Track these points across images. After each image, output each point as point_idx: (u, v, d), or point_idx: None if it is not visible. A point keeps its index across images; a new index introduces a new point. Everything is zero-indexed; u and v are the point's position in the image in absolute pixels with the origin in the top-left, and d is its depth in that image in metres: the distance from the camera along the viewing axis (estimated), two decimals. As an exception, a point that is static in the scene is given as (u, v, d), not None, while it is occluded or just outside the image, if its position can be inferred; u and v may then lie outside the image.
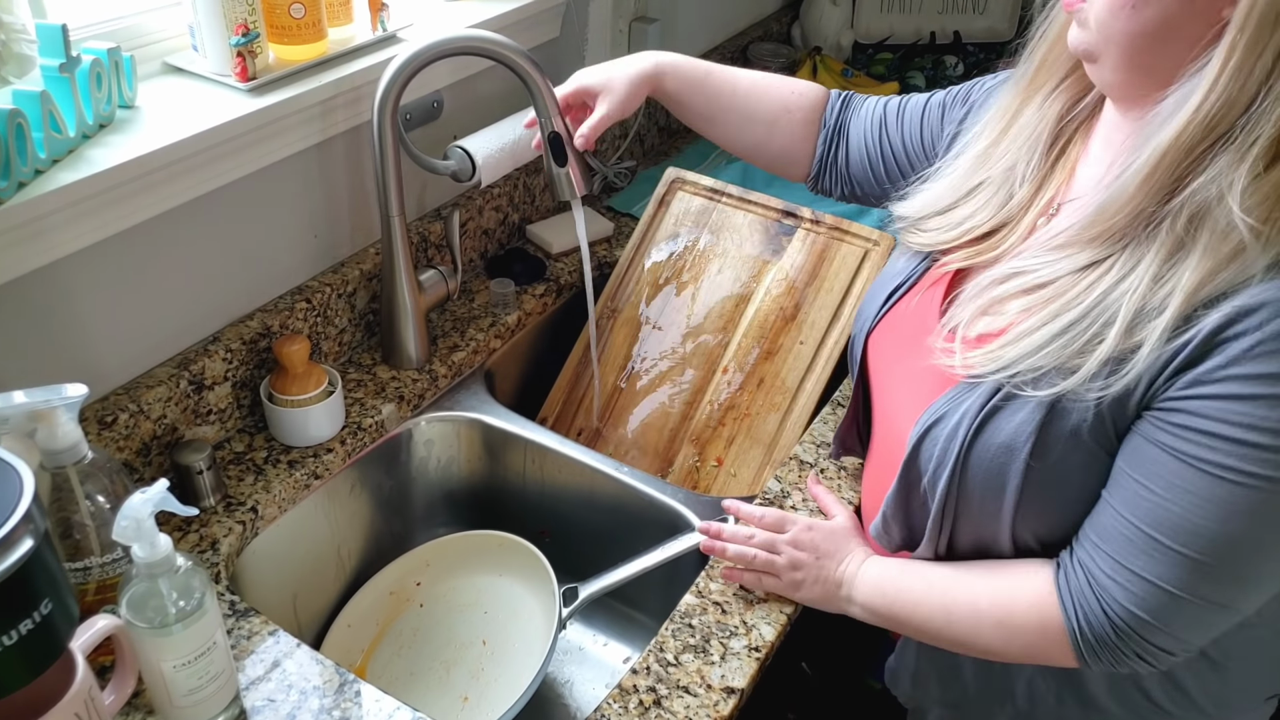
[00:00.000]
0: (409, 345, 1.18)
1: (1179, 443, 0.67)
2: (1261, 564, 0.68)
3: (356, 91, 1.10)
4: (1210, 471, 0.66)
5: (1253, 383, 0.63)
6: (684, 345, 1.30)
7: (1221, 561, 0.67)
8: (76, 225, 0.88)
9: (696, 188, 1.39)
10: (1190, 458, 0.66)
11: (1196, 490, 0.67)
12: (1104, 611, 0.72)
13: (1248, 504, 0.65)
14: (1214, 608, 0.70)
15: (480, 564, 1.14)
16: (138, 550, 0.71)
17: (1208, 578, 0.68)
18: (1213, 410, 0.65)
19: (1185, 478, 0.67)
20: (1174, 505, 0.68)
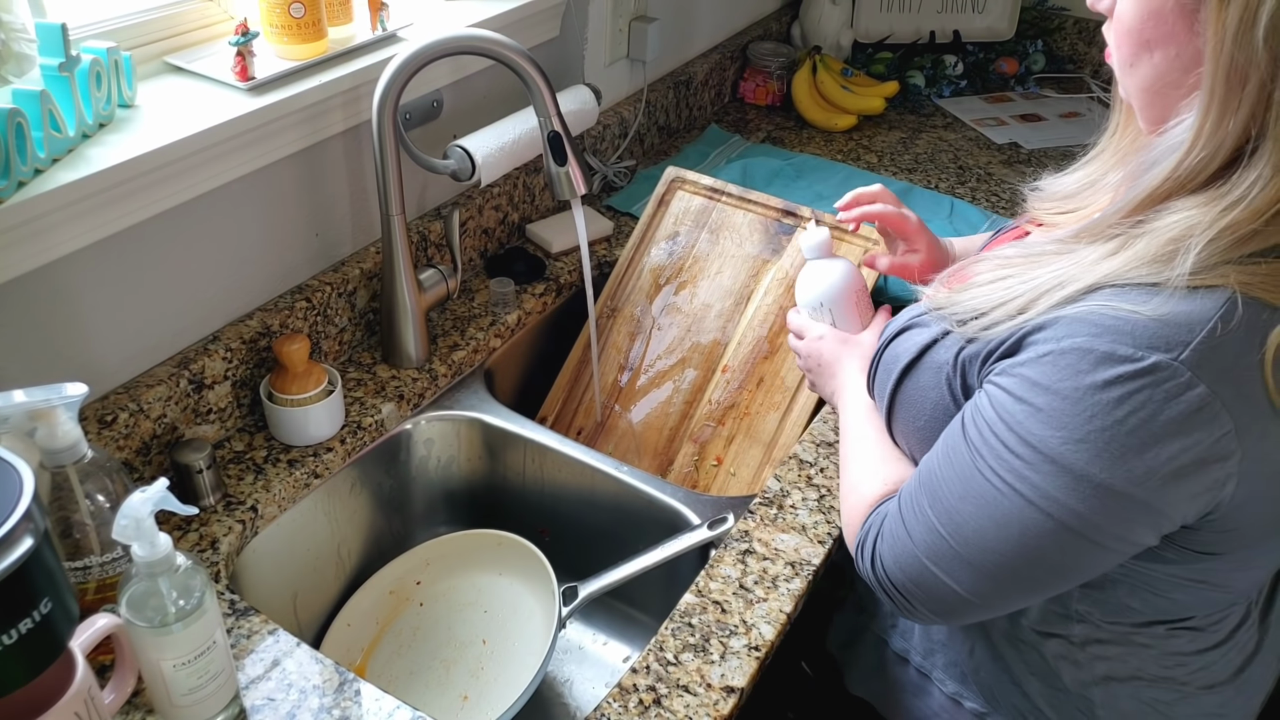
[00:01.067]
0: (409, 344, 1.18)
1: (968, 417, 0.72)
2: (976, 551, 0.71)
3: (356, 91, 1.10)
4: (969, 455, 0.71)
5: (1026, 386, 0.66)
6: (684, 344, 1.30)
7: (951, 534, 0.72)
8: (76, 224, 0.88)
9: (696, 187, 1.39)
10: (966, 434, 0.71)
11: (959, 468, 0.72)
12: (874, 546, 0.79)
13: (986, 497, 0.69)
14: (953, 588, 0.73)
15: (480, 563, 1.14)
16: (137, 549, 0.71)
17: (939, 545, 0.73)
18: (996, 398, 0.69)
19: (958, 452, 0.72)
20: (941, 473, 0.73)
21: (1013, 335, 0.70)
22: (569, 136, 1.09)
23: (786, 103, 1.95)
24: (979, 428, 0.70)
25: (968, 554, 0.71)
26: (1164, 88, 0.68)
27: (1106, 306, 0.64)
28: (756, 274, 1.31)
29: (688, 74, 1.80)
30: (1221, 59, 0.61)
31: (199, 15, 1.09)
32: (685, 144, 1.78)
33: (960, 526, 0.71)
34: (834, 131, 1.87)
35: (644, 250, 1.37)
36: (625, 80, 1.66)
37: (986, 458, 0.69)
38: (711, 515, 1.04)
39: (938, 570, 0.73)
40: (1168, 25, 0.65)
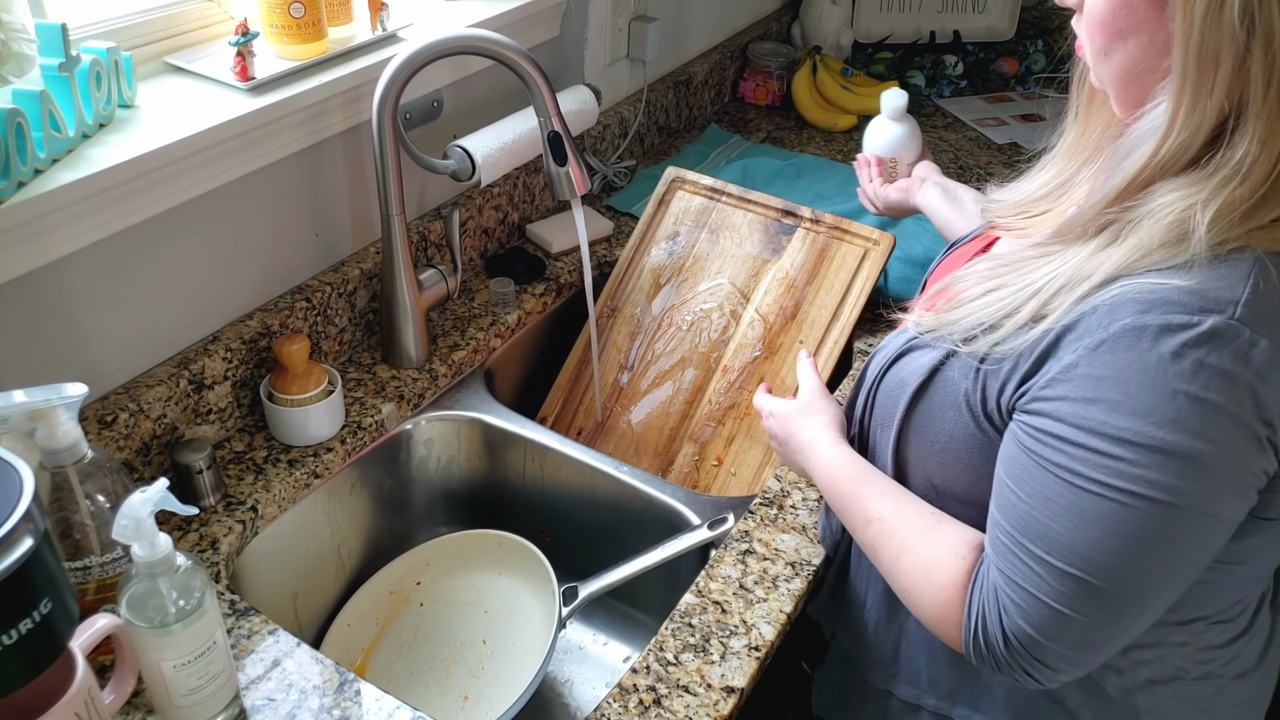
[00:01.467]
0: (409, 344, 1.18)
1: (1036, 445, 0.67)
2: (1133, 580, 0.65)
3: (356, 91, 1.10)
4: (1064, 478, 0.65)
5: (1091, 384, 0.63)
6: (684, 344, 1.30)
7: (1094, 576, 0.65)
8: (76, 224, 0.88)
9: (696, 187, 1.39)
10: (1046, 461, 0.66)
11: (1055, 497, 0.66)
12: (1001, 622, 0.69)
13: (1101, 514, 0.64)
14: (1097, 625, 0.67)
15: (480, 563, 1.14)
16: (137, 549, 0.71)
17: (1085, 592, 0.65)
18: (1061, 411, 0.65)
19: (1044, 483, 0.66)
20: (1036, 512, 0.67)
21: (1041, 342, 0.67)
22: (569, 136, 1.09)
23: (786, 103, 1.95)
24: (1058, 448, 0.65)
25: (1108, 584, 0.65)
26: (1140, 73, 0.68)
27: (1140, 284, 0.63)
28: (757, 274, 1.31)
29: (688, 74, 1.80)
30: (1192, 42, 0.61)
31: (199, 15, 1.09)
32: (685, 144, 1.78)
33: (1091, 557, 0.65)
34: (834, 131, 1.87)
35: (644, 250, 1.37)
36: (625, 80, 1.66)
37: (1084, 472, 0.64)
38: (711, 515, 1.04)
39: (1080, 615, 0.66)
40: (1138, 13, 0.65)
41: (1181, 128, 0.64)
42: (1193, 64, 0.62)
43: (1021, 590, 0.68)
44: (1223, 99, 0.62)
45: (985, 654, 0.71)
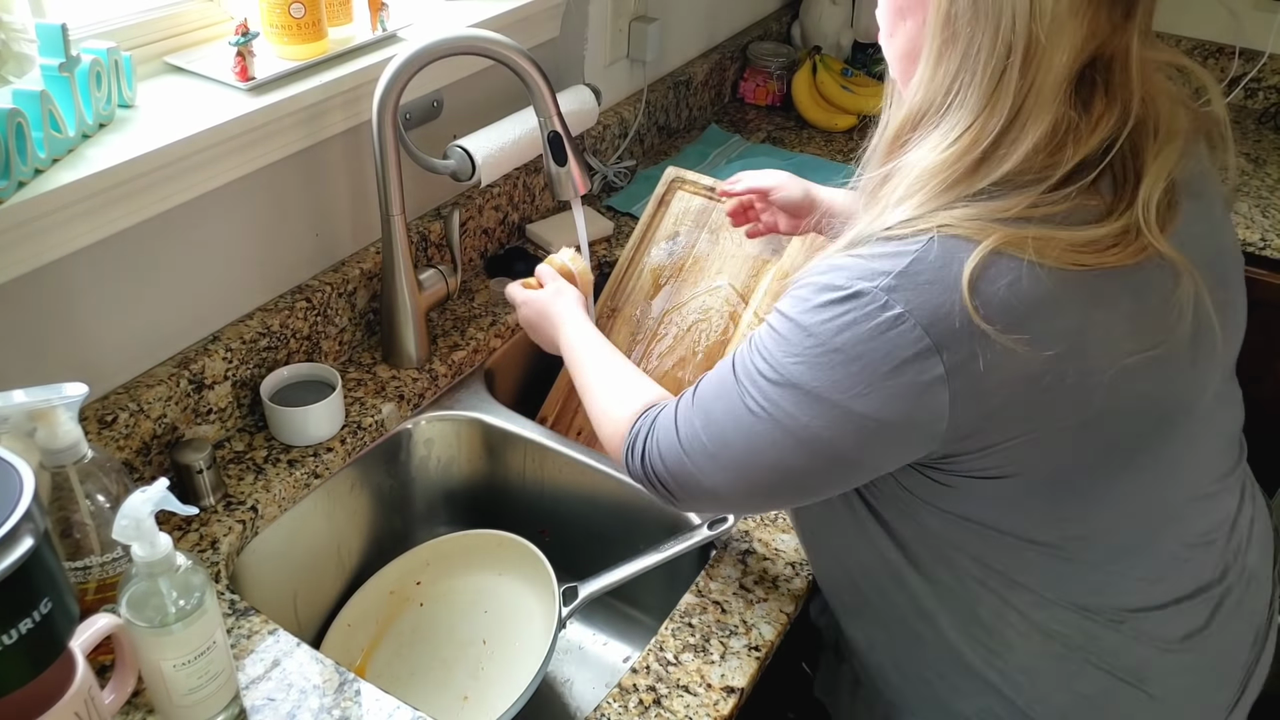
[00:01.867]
0: (409, 344, 1.18)
1: (738, 350, 0.80)
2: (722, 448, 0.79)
3: (356, 91, 1.10)
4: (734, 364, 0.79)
5: (779, 317, 0.76)
6: (684, 344, 1.30)
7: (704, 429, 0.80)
8: (76, 225, 0.88)
9: (696, 187, 1.39)
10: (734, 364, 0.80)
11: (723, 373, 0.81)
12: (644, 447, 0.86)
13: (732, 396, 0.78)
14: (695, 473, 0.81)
15: (480, 563, 1.14)
16: (138, 549, 0.71)
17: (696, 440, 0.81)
18: (758, 332, 0.78)
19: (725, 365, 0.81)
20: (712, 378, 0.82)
21: None
22: (569, 136, 1.09)
23: (786, 103, 1.95)
24: (742, 356, 0.79)
25: (715, 449, 0.80)
26: (914, 51, 0.77)
27: (845, 253, 0.74)
28: (757, 274, 1.31)
29: (688, 74, 1.80)
30: (937, 16, 0.72)
31: (199, 15, 1.09)
32: (685, 144, 1.78)
33: (713, 424, 0.80)
34: (834, 131, 1.87)
35: (644, 250, 1.37)
36: (625, 80, 1.66)
37: (740, 376, 0.78)
38: (711, 515, 1.04)
39: (700, 475, 0.81)
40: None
41: (922, 90, 0.74)
42: (936, 34, 0.72)
43: (671, 433, 0.83)
44: (956, 71, 0.72)
45: (635, 466, 0.87)
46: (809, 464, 0.76)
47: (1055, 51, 0.69)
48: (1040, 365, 0.68)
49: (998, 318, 0.67)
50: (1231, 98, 2.00)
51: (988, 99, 0.71)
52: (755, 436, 0.76)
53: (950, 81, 0.72)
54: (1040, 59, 0.69)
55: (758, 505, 0.91)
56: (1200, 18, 2.00)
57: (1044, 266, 0.68)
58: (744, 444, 0.78)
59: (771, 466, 0.77)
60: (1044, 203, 0.70)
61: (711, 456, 0.80)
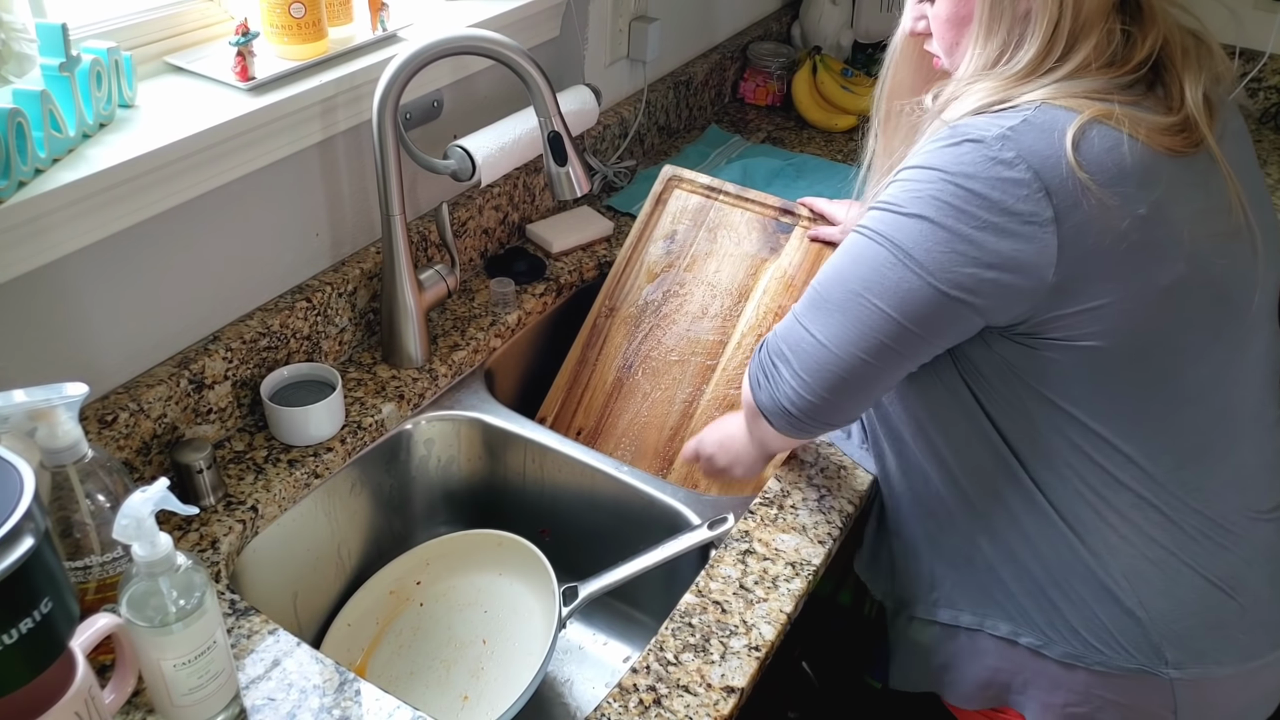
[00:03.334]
0: (409, 344, 1.18)
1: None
2: (833, 289, 0.86)
3: (356, 91, 1.10)
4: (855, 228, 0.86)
5: (900, 172, 0.83)
6: (683, 343, 1.30)
7: (819, 284, 0.87)
8: (77, 224, 0.88)
9: (694, 185, 1.39)
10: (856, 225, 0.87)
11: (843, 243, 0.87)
12: (764, 341, 0.93)
13: (853, 243, 0.85)
14: (804, 331, 0.87)
15: (480, 563, 1.14)
16: (138, 549, 0.71)
17: (809, 298, 0.88)
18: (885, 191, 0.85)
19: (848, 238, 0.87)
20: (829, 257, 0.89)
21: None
22: (569, 136, 1.09)
23: (787, 103, 1.95)
24: (864, 215, 0.85)
25: (826, 293, 0.86)
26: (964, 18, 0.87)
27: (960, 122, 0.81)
28: (755, 272, 1.31)
29: (688, 74, 1.80)
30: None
31: (199, 15, 1.09)
32: (685, 144, 1.78)
33: (828, 273, 0.86)
34: (834, 132, 1.87)
35: (642, 249, 1.37)
36: (625, 80, 1.66)
37: (865, 224, 0.84)
38: (711, 515, 1.04)
39: (804, 321, 0.87)
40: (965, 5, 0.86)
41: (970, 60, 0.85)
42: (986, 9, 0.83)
43: (788, 315, 0.90)
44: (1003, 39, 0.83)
45: (754, 371, 0.93)
46: (924, 299, 0.81)
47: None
48: (1129, 223, 0.77)
49: (1096, 173, 0.76)
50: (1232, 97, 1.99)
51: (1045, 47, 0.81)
52: (878, 265, 0.81)
53: (1002, 46, 0.83)
54: (1086, 7, 0.80)
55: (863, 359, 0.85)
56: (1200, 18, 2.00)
57: (1134, 138, 0.78)
58: (863, 274, 0.83)
59: (888, 295, 0.81)
60: (1119, 92, 0.80)
61: (823, 303, 0.86)
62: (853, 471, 1.09)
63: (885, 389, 0.90)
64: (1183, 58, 0.84)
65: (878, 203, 0.83)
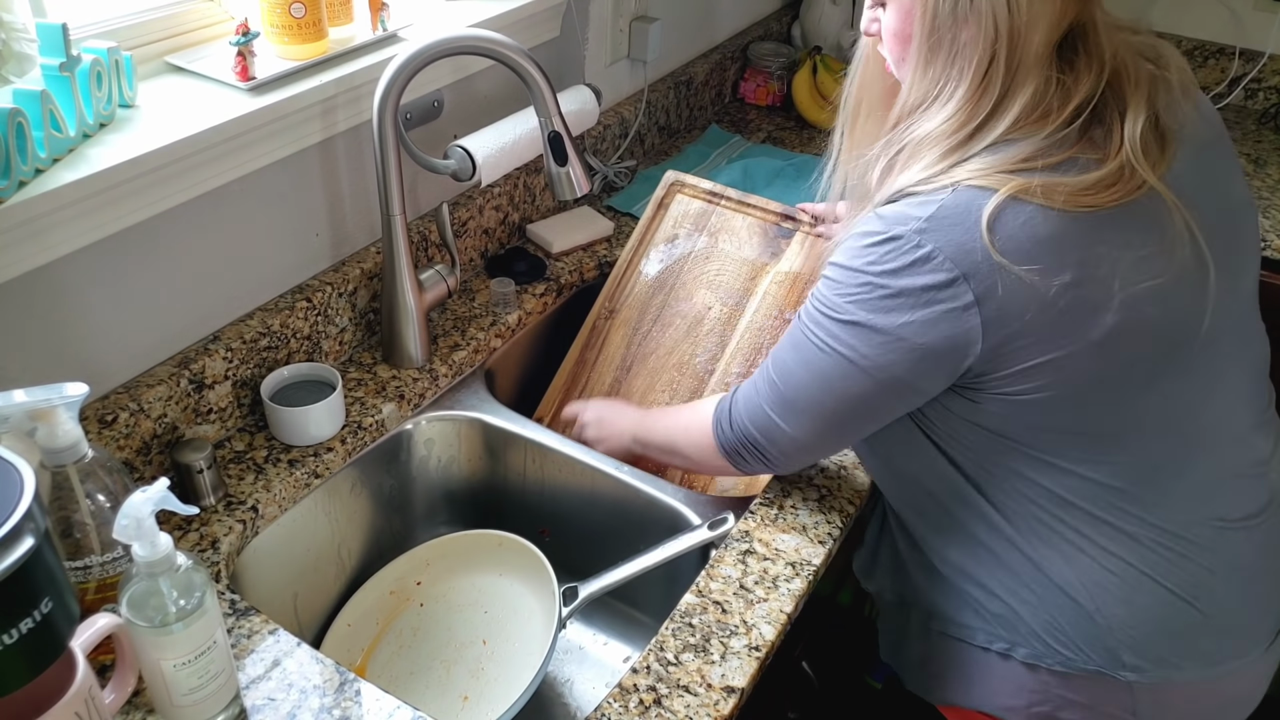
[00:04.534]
0: (410, 344, 1.18)
1: (803, 306, 0.91)
2: (798, 395, 0.91)
3: (357, 91, 1.10)
4: (797, 321, 0.91)
5: (831, 268, 0.87)
6: (682, 347, 1.30)
7: (781, 383, 0.92)
8: (77, 224, 0.88)
9: (695, 190, 1.39)
10: (799, 314, 0.91)
11: (791, 331, 0.92)
12: (730, 417, 0.97)
13: (801, 345, 0.89)
14: (779, 427, 0.93)
15: (480, 563, 1.14)
16: (138, 549, 0.71)
17: (774, 395, 0.93)
18: (815, 288, 0.89)
19: (794, 334, 0.91)
20: (783, 351, 0.92)
21: None
22: (570, 136, 1.09)
23: (787, 103, 1.95)
24: (805, 308, 0.90)
25: (792, 397, 0.91)
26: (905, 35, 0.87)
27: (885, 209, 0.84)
28: (755, 277, 1.31)
29: (688, 74, 1.80)
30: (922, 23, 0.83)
31: (199, 15, 1.09)
32: (686, 144, 1.78)
33: (786, 375, 0.91)
34: (834, 132, 1.87)
35: (643, 252, 1.37)
36: (626, 80, 1.66)
37: (807, 324, 0.89)
38: (712, 515, 1.04)
39: (777, 418, 0.93)
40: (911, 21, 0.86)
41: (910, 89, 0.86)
42: (923, 41, 0.84)
43: (751, 398, 0.95)
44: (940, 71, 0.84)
45: (724, 432, 0.98)
46: (873, 390, 0.86)
47: (1033, 33, 0.80)
48: (1054, 291, 0.78)
49: (1012, 252, 0.78)
50: (1231, 98, 2.00)
51: (978, 87, 0.82)
52: (827, 373, 0.87)
53: (940, 80, 0.84)
54: (1022, 44, 0.80)
55: (834, 441, 0.98)
56: (1200, 18, 2.00)
57: (1052, 209, 0.78)
58: (818, 383, 0.88)
59: (842, 397, 0.88)
60: (1044, 154, 0.80)
61: (790, 404, 0.92)
62: (853, 471, 1.09)
63: None
64: (1133, 88, 0.83)
65: (816, 302, 0.88)
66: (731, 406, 0.98)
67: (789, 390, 0.91)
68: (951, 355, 0.82)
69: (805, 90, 1.89)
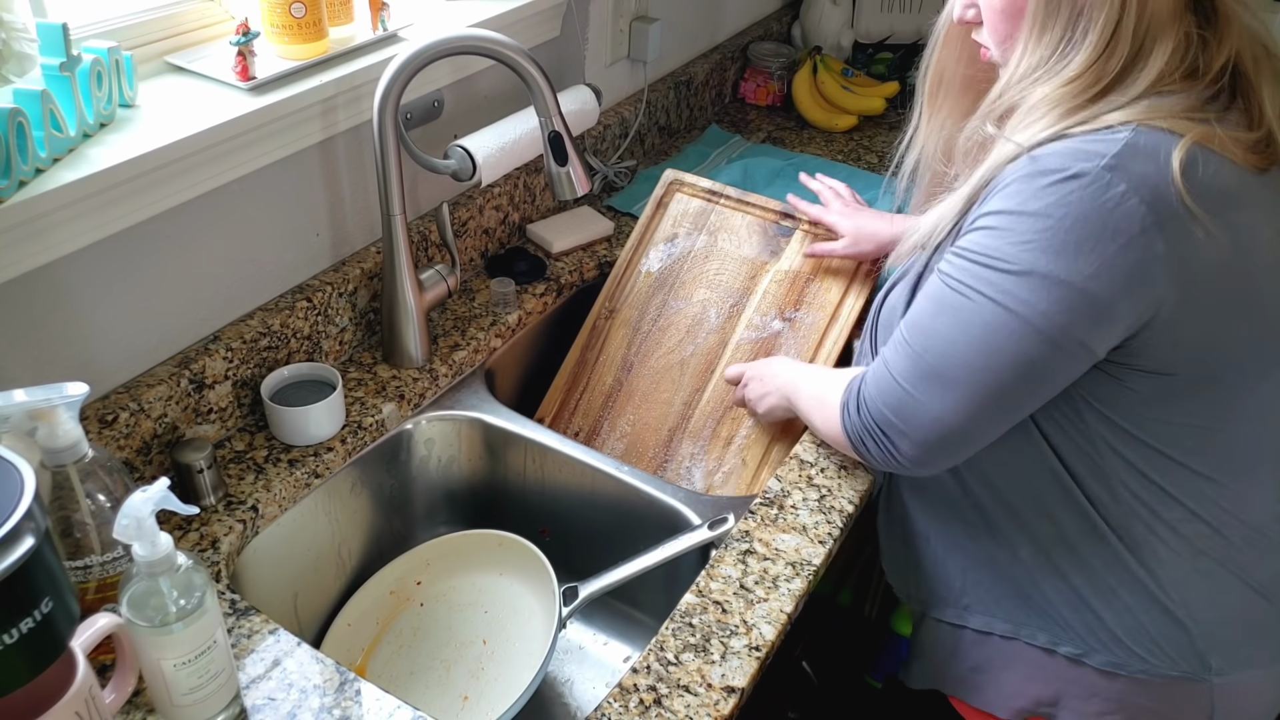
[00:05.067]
0: (410, 344, 1.18)
1: (945, 266, 0.82)
2: (952, 366, 0.80)
3: (357, 91, 1.10)
4: (949, 284, 0.80)
5: (992, 217, 0.78)
6: (682, 346, 1.30)
7: (924, 351, 0.81)
8: (77, 224, 0.88)
9: (695, 189, 1.39)
10: (946, 275, 0.81)
11: (938, 297, 0.81)
12: (859, 393, 0.88)
13: (954, 305, 0.79)
14: (919, 403, 0.82)
15: (480, 563, 1.15)
16: (138, 549, 0.71)
17: (914, 366, 0.82)
18: (965, 240, 0.80)
19: (938, 291, 0.82)
20: (923, 313, 0.83)
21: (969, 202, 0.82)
22: (570, 136, 1.09)
23: (787, 103, 1.95)
24: (952, 264, 0.81)
25: (940, 366, 0.80)
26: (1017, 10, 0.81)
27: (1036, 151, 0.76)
28: (755, 276, 1.31)
29: (688, 74, 1.80)
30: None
31: (200, 15, 1.09)
32: (686, 144, 1.78)
33: (932, 340, 0.81)
34: (834, 132, 1.87)
35: (642, 252, 1.37)
36: (626, 80, 1.66)
37: (961, 280, 0.79)
38: (712, 515, 1.04)
39: (918, 393, 0.82)
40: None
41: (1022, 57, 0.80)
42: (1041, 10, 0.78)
43: (882, 371, 0.85)
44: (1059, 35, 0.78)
45: (852, 419, 0.89)
46: (1048, 355, 0.77)
47: None
48: (1233, 252, 0.74)
49: (1204, 201, 0.72)
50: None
51: (1105, 48, 0.75)
52: (991, 335, 0.77)
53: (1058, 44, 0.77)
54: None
55: (986, 424, 0.84)
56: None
57: (1234, 162, 0.74)
58: (978, 347, 0.78)
59: (1010, 364, 0.78)
60: (1207, 107, 0.75)
61: (936, 375, 0.80)
62: (853, 471, 1.09)
63: None
64: (1255, 67, 0.79)
65: (972, 254, 0.78)
66: (861, 386, 0.88)
67: (935, 359, 0.80)
68: (1134, 314, 0.75)
69: (805, 90, 1.89)
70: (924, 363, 0.81)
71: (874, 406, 0.85)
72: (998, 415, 0.83)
